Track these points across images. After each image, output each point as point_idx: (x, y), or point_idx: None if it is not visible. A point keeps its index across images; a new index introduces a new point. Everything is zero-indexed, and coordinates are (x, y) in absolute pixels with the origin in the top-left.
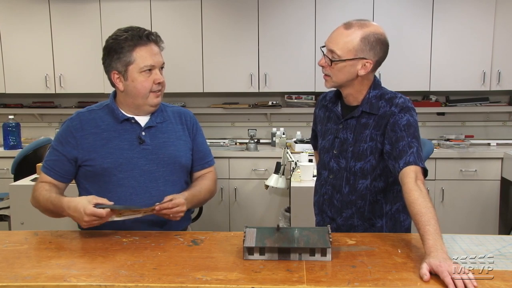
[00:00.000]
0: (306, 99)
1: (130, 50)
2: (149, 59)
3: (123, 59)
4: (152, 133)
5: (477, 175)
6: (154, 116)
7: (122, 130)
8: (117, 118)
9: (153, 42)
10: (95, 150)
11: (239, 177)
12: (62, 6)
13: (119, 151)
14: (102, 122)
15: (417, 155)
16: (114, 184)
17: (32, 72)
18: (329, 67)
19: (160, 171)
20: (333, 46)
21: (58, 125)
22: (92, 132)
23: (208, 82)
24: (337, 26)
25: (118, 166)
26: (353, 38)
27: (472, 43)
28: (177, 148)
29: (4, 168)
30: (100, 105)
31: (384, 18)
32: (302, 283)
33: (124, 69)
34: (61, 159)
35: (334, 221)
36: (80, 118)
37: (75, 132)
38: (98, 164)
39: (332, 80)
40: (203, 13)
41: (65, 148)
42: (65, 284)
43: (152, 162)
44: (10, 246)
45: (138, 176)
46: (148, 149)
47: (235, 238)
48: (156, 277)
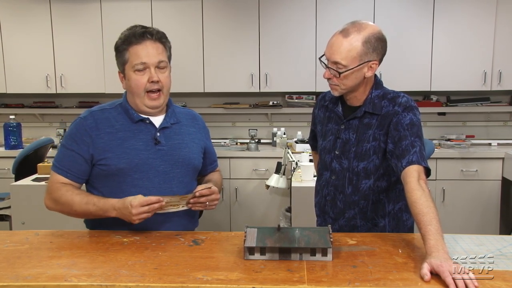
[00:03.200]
0: (307, 99)
1: (126, 48)
2: (141, 57)
3: (121, 58)
4: (167, 134)
5: (478, 175)
6: (168, 117)
7: (136, 131)
8: (131, 118)
9: (150, 40)
10: (111, 150)
11: (240, 177)
12: (63, 6)
13: (135, 151)
14: (116, 122)
15: (420, 154)
16: (128, 184)
17: (33, 72)
18: (336, 78)
19: (174, 172)
20: (337, 58)
21: (59, 125)
22: (107, 132)
23: (209, 82)
24: (337, 28)
25: (133, 167)
26: (355, 45)
27: (473, 43)
28: (191, 150)
29: (5, 168)
30: (113, 104)
31: (385, 18)
32: (303, 283)
33: (122, 68)
34: (77, 159)
35: (337, 222)
36: (94, 117)
37: (90, 131)
38: (114, 164)
39: (341, 88)
40: (204, 13)
41: (81, 147)
42: (66, 284)
43: (167, 163)
44: (11, 246)
45: (152, 177)
46: (163, 150)
47: (236, 238)
48: (157, 277)
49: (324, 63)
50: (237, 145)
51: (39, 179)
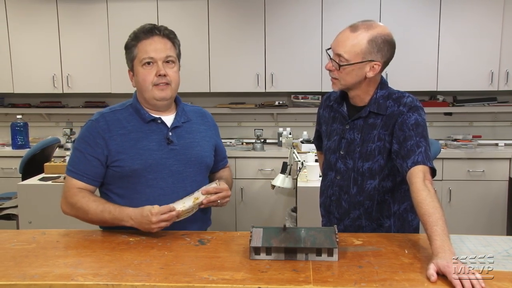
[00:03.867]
0: (313, 99)
1: (135, 44)
2: (149, 51)
3: (130, 54)
4: (179, 133)
5: (484, 175)
6: (179, 115)
7: (148, 131)
8: (143, 119)
9: (158, 36)
10: (124, 151)
11: (246, 177)
12: (69, 7)
13: (148, 151)
14: (128, 123)
15: (425, 154)
16: (143, 185)
17: (39, 72)
18: (337, 71)
19: (187, 171)
20: (340, 50)
21: (66, 124)
22: (119, 133)
23: (214, 82)
24: (343, 28)
25: (147, 167)
26: (360, 41)
27: (480, 43)
28: (203, 149)
29: (12, 168)
30: (123, 105)
31: (391, 17)
32: (308, 283)
33: (131, 65)
34: (93, 162)
35: (342, 222)
36: (105, 119)
37: (103, 133)
38: (128, 165)
39: (340, 83)
40: (210, 13)
41: (95, 150)
42: (73, 283)
43: (180, 163)
44: (18, 245)
45: (166, 177)
46: (176, 149)
47: (242, 238)
48: (162, 277)
49: (329, 55)
50: (242, 145)
51: (46, 178)
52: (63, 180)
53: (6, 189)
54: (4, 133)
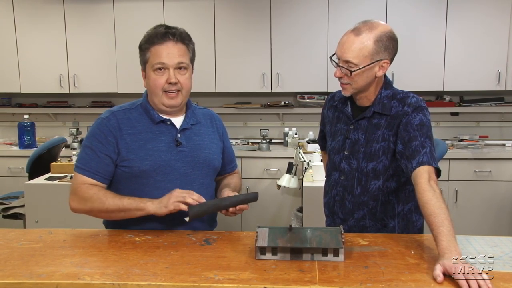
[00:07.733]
0: (319, 99)
1: (148, 48)
2: (161, 57)
3: (143, 56)
4: (187, 135)
5: (491, 176)
6: (188, 117)
7: (158, 132)
8: (153, 119)
9: (171, 41)
10: (133, 151)
11: (251, 177)
12: (76, 7)
13: (157, 153)
14: (137, 123)
15: (430, 155)
16: (151, 186)
17: (46, 72)
18: (347, 77)
19: (195, 173)
20: (348, 56)
21: (72, 124)
22: (129, 133)
23: (220, 82)
24: (349, 28)
25: (156, 169)
26: (367, 44)
27: (487, 43)
28: (211, 151)
29: (19, 167)
30: (133, 104)
31: (398, 17)
32: (314, 283)
33: (144, 67)
34: (104, 160)
35: (346, 223)
36: (116, 117)
37: (114, 131)
38: (137, 166)
39: (352, 87)
40: (216, 13)
41: (107, 148)
42: (79, 282)
43: (188, 165)
44: (25, 244)
45: (174, 179)
46: (184, 151)
47: (247, 238)
48: (168, 276)
49: (335, 62)
50: (248, 145)
51: (52, 178)
52: (69, 179)
53: (13, 188)
54: (11, 132)
